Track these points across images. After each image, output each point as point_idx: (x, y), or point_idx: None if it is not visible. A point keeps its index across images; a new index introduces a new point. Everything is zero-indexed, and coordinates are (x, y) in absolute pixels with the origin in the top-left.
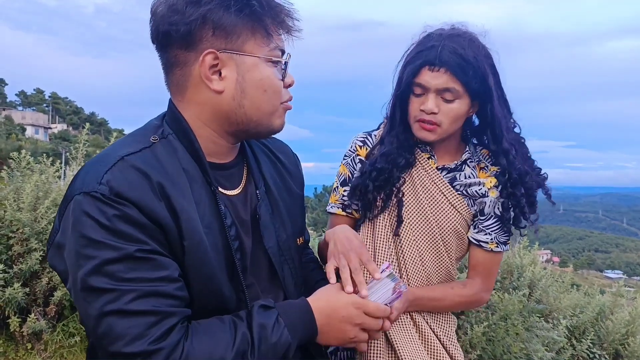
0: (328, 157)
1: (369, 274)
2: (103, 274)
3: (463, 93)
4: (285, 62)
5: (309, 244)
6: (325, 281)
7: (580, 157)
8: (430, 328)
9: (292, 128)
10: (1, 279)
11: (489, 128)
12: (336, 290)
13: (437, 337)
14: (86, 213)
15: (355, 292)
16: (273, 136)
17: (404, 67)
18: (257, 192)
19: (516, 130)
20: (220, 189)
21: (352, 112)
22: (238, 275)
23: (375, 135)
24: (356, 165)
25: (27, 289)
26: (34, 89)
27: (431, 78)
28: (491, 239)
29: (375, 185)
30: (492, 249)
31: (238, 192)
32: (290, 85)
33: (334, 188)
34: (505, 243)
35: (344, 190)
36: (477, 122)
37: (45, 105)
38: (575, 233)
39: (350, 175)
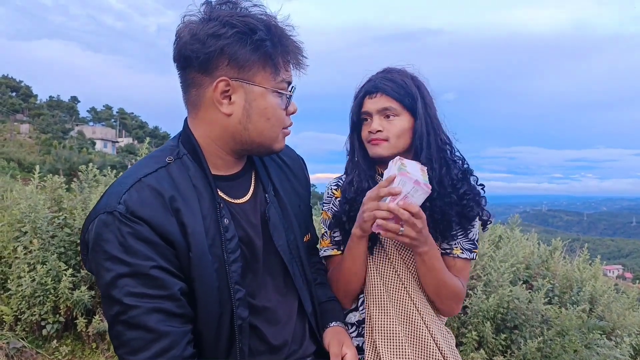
0: None
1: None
2: (116, 286)
3: (401, 110)
4: (289, 94)
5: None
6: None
7: None
8: (434, 340)
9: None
10: (70, 282)
11: (413, 141)
12: None
13: (438, 349)
14: (107, 230)
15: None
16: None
17: (353, 105)
18: (266, 195)
19: (447, 150)
20: (228, 199)
21: None
22: (228, 287)
23: (344, 179)
24: (337, 208)
25: (93, 292)
26: (103, 105)
27: (371, 104)
28: (455, 244)
29: (350, 216)
30: (457, 255)
31: (247, 198)
32: (292, 113)
33: (322, 234)
34: (470, 250)
35: (333, 233)
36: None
37: (113, 120)
38: None
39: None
